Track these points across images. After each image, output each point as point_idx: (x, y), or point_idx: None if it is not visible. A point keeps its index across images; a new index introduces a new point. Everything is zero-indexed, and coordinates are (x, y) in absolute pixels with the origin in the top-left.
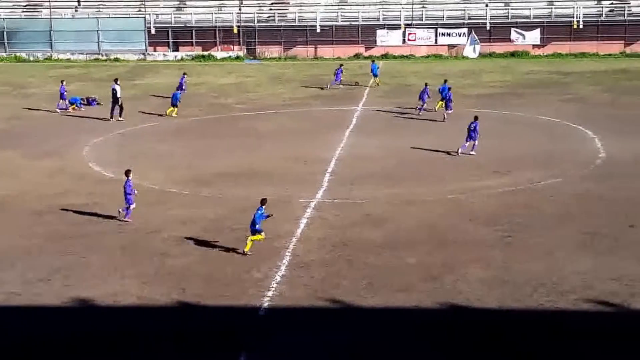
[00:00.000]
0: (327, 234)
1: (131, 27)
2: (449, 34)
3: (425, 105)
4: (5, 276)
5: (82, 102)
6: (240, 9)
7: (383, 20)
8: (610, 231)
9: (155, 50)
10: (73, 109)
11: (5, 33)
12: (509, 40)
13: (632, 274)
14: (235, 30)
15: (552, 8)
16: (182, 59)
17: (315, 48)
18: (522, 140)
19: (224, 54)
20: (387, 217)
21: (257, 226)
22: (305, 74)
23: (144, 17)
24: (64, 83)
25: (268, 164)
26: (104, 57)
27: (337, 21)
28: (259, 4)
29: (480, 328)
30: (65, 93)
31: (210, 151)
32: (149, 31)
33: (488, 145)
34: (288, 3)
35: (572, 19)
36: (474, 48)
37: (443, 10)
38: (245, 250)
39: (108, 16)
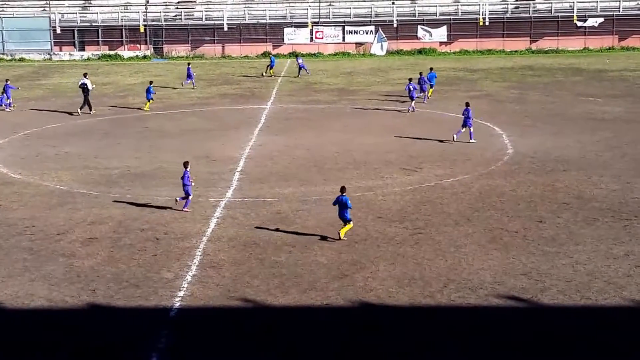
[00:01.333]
0: (238, 233)
1: (36, 26)
2: (356, 32)
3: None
4: None
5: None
6: (146, 8)
7: (290, 18)
8: (518, 227)
9: (61, 50)
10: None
11: None
12: (416, 37)
13: (541, 269)
14: (142, 30)
15: (458, 5)
16: (88, 59)
17: (223, 46)
18: (431, 137)
19: (131, 53)
20: (297, 215)
21: (348, 214)
22: (213, 72)
23: (49, 17)
24: (9, 82)
25: (177, 163)
26: (9, 57)
27: (245, 19)
28: (165, 2)
29: (391, 325)
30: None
31: (119, 151)
32: (55, 31)
33: (397, 142)
34: (195, 2)
35: (478, 16)
36: (382, 45)
37: (350, 8)
38: (342, 236)
39: (12, 15)
